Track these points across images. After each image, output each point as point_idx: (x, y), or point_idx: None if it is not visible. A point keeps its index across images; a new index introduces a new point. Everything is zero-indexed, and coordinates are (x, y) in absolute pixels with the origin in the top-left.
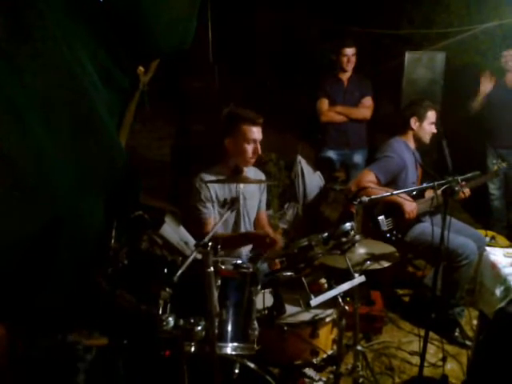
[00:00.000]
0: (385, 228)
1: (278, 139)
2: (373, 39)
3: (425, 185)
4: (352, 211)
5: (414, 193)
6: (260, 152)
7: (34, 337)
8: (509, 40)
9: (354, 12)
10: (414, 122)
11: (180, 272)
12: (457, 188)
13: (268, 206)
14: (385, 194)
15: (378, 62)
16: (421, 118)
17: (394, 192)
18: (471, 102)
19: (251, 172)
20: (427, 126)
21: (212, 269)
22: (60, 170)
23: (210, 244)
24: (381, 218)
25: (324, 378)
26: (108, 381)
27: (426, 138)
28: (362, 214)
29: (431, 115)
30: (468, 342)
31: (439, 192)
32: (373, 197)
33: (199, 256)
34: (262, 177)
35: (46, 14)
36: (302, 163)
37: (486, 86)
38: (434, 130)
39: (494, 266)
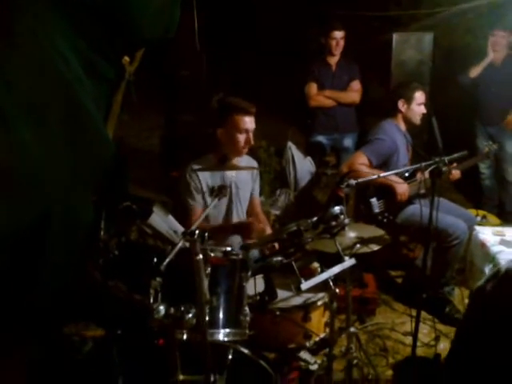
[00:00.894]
0: (377, 210)
1: (268, 126)
2: (362, 22)
3: (413, 166)
4: (340, 195)
5: (407, 174)
6: (252, 142)
7: (31, 332)
8: (496, 17)
9: None
10: (401, 105)
11: (167, 261)
12: (444, 168)
13: (260, 193)
14: (373, 177)
15: (368, 45)
16: (408, 100)
17: (381, 174)
18: (471, 68)
19: (244, 160)
20: (416, 107)
21: (201, 256)
22: (47, 164)
23: (197, 232)
24: (373, 200)
25: (318, 361)
26: (103, 370)
27: (417, 119)
28: (353, 197)
29: (419, 96)
30: (459, 316)
31: (427, 173)
32: (360, 180)
33: (187, 244)
34: (255, 165)
35: (24, 10)
36: (293, 149)
37: (491, 53)
38: (424, 111)
39: (483, 245)
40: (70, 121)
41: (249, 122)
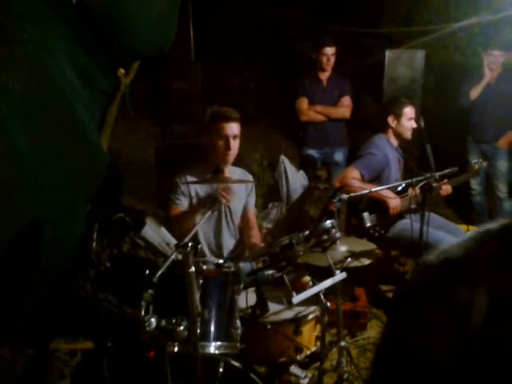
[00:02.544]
0: (368, 224)
1: (262, 139)
2: (355, 38)
3: (404, 182)
4: (332, 209)
5: (399, 189)
6: (233, 148)
7: (20, 344)
8: (486, 37)
9: (335, 11)
10: (391, 121)
11: (159, 273)
12: (435, 184)
13: None
14: (364, 191)
15: (361, 61)
16: (398, 116)
17: (373, 189)
18: (470, 89)
19: (238, 173)
20: (406, 122)
21: (193, 269)
22: (40, 174)
23: (190, 244)
24: (365, 214)
25: (309, 375)
26: (93, 383)
27: (407, 134)
28: (345, 211)
29: (408, 111)
30: None
31: (418, 188)
32: (352, 194)
33: (179, 256)
34: (250, 178)
35: (23, 17)
36: (285, 163)
37: (488, 73)
38: (414, 125)
39: None
40: (62, 128)
41: (228, 128)
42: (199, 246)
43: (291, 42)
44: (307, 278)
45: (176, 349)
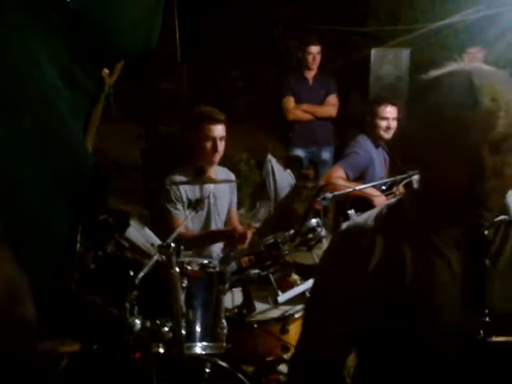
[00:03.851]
0: None
1: (249, 138)
2: (341, 37)
3: (388, 180)
4: (317, 208)
5: (384, 187)
6: (220, 150)
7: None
8: (470, 34)
9: (321, 10)
10: (369, 119)
11: (142, 274)
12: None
13: (240, 205)
14: (349, 190)
15: (347, 59)
16: (373, 115)
17: (358, 187)
18: None
19: (221, 172)
20: (379, 121)
21: (177, 269)
22: (22, 175)
23: (172, 245)
24: (351, 212)
25: None
26: None
27: (381, 133)
28: (333, 209)
29: (381, 110)
30: None
31: (401, 186)
32: (336, 193)
33: (163, 257)
34: (233, 177)
35: (5, 16)
36: (273, 162)
37: None
38: (389, 125)
39: None
40: (44, 128)
41: (215, 130)
42: (181, 247)
43: (278, 41)
44: (295, 277)
45: (161, 350)
